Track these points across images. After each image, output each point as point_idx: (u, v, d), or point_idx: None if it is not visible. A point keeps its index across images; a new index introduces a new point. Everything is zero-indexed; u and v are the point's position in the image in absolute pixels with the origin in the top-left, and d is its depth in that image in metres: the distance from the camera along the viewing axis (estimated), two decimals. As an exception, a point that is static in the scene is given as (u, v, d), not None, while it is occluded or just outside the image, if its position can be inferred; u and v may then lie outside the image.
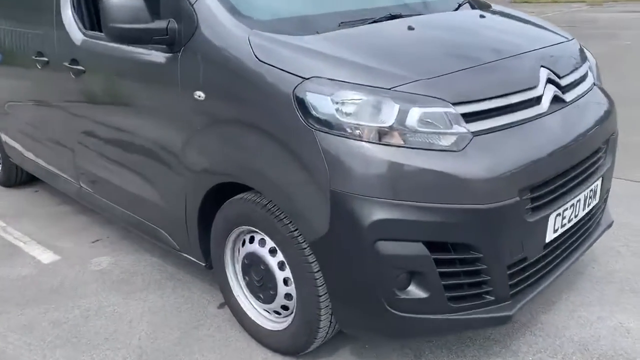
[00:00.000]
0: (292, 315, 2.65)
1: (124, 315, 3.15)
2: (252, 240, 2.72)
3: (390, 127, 2.16)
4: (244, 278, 2.82)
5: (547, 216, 2.37)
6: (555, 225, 2.44)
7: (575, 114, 2.63)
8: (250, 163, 2.48)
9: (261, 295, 2.74)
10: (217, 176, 2.69)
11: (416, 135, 2.16)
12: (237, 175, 2.58)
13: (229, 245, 2.86)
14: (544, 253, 2.46)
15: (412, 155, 2.14)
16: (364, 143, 2.16)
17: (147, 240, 3.53)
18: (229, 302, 2.97)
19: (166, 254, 3.66)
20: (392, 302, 2.25)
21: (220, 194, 2.74)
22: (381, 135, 2.16)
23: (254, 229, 2.65)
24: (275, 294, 2.64)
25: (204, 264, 3.07)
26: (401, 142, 2.16)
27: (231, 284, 2.92)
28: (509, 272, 2.30)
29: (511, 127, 2.33)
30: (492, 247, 2.22)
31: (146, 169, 3.12)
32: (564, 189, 2.47)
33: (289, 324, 2.66)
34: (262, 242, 2.66)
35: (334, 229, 2.24)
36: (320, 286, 2.42)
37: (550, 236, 2.44)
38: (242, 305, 2.89)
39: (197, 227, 2.94)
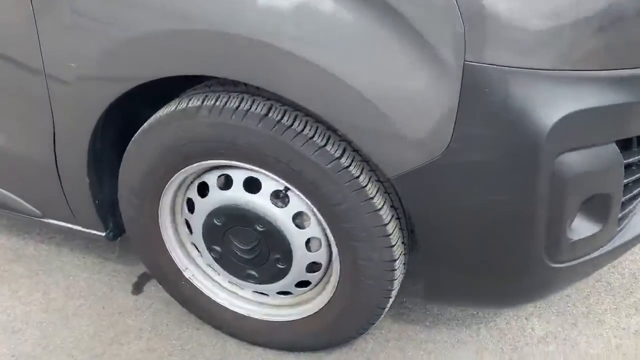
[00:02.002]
0: (322, 294, 1.53)
1: None
2: (227, 184, 1.43)
3: None
4: (210, 249, 1.55)
5: None
6: None
7: None
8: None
9: (252, 273, 1.53)
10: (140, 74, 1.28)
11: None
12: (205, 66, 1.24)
13: (168, 197, 1.52)
14: None
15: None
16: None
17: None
18: (169, 284, 1.71)
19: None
20: (554, 249, 1.27)
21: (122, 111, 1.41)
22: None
23: (237, 164, 1.36)
24: (288, 267, 1.47)
25: (103, 233, 1.70)
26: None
27: (176, 258, 1.63)
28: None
29: None
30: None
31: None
32: None
33: (318, 309, 1.54)
34: (252, 186, 1.40)
35: (468, 143, 1.12)
36: (394, 245, 1.33)
37: None
38: (202, 289, 1.66)
39: (87, 176, 1.52)
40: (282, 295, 1.59)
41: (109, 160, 1.61)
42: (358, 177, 1.26)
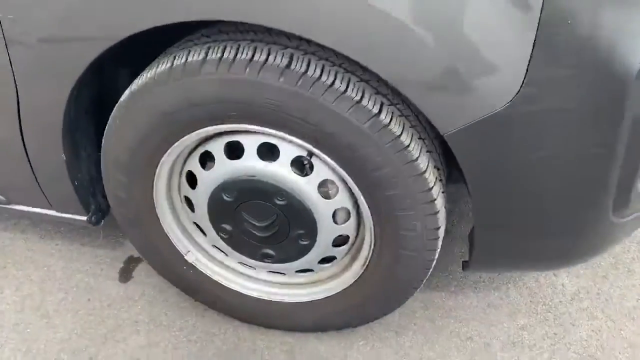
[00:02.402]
0: (350, 269, 1.35)
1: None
2: (237, 152, 1.21)
3: None
4: (218, 229, 1.33)
5: None
6: None
7: None
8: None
9: (269, 252, 1.34)
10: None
11: None
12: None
13: (164, 172, 1.29)
14: None
15: None
16: None
17: None
18: (169, 271, 1.49)
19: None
20: (621, 203, 1.13)
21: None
22: None
23: (250, 128, 1.13)
24: (312, 243, 1.28)
25: (85, 218, 1.46)
26: None
27: (176, 241, 1.41)
28: None
29: None
30: None
31: None
32: None
33: (347, 286, 1.36)
34: (267, 153, 1.19)
35: (542, 88, 0.94)
36: (439, 211, 1.16)
37: None
38: (207, 273, 1.45)
39: (62, 153, 1.27)
40: (302, 273, 1.41)
41: (85, 133, 1.35)
42: (400, 135, 1.07)
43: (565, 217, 1.11)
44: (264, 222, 1.27)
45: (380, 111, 1.06)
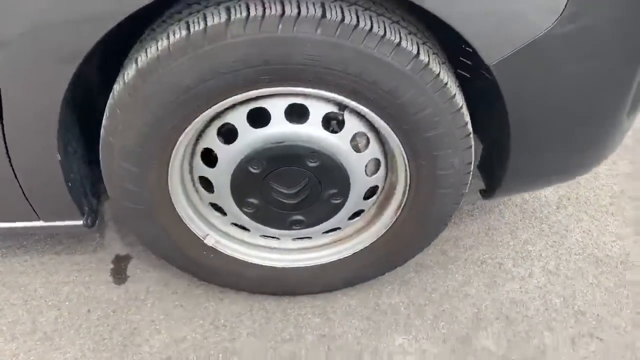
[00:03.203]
0: (381, 219, 1.35)
1: None
2: (261, 119, 1.13)
3: None
4: (243, 204, 1.25)
5: None
6: None
7: None
8: None
9: (299, 218, 1.29)
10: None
11: None
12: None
13: (179, 154, 1.18)
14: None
15: None
16: None
17: None
18: (185, 261, 1.39)
19: None
20: (634, 108, 1.22)
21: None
22: None
23: (279, 90, 1.06)
24: (344, 201, 1.25)
25: (81, 221, 1.31)
26: None
27: (194, 226, 1.32)
28: None
29: None
30: None
31: None
32: None
33: (377, 237, 1.36)
34: (292, 114, 1.12)
35: (586, 5, 0.97)
36: (472, 145, 1.18)
37: None
38: (229, 253, 1.38)
39: (57, 153, 1.12)
40: (329, 234, 1.38)
41: (70, 128, 1.20)
42: (439, 74, 1.06)
43: (592, 126, 1.18)
44: (295, 188, 1.22)
45: (418, 51, 1.04)
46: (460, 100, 1.11)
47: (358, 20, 0.99)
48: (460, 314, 1.47)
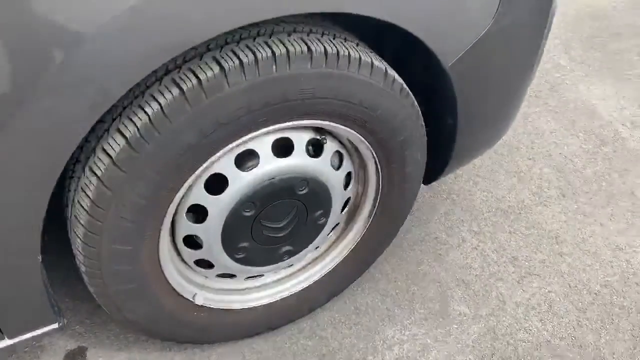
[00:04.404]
0: (354, 227, 1.43)
1: None
2: (247, 162, 1.11)
3: None
4: (234, 250, 1.22)
5: None
6: None
7: None
8: None
9: (288, 249, 1.30)
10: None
11: None
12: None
13: (170, 215, 1.11)
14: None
15: None
16: None
17: None
18: (176, 328, 1.30)
19: None
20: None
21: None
22: None
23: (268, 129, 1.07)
24: (327, 218, 1.31)
25: (57, 324, 1.16)
26: None
27: (182, 289, 1.24)
28: None
29: None
30: None
31: None
32: None
33: (354, 244, 1.43)
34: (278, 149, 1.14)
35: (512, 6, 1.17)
36: (424, 141, 1.33)
37: None
38: (221, 306, 1.33)
39: (40, 253, 0.99)
40: (310, 254, 1.41)
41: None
42: (401, 82, 1.17)
43: (516, 105, 1.41)
44: (285, 219, 1.23)
45: (384, 66, 1.13)
46: (414, 100, 1.23)
47: (337, 49, 1.05)
48: (427, 292, 1.62)
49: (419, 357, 1.46)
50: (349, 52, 1.06)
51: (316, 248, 1.40)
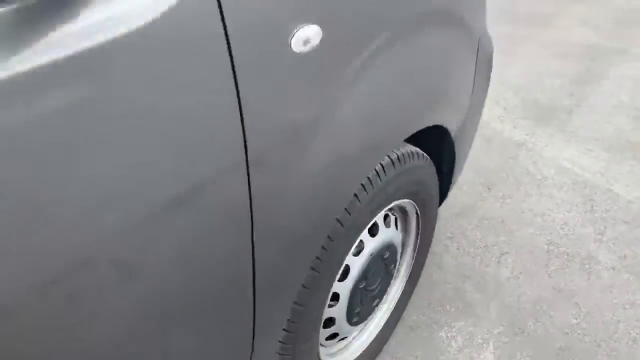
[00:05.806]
0: (399, 277, 1.86)
1: None
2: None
3: None
4: (352, 314, 1.57)
5: None
6: None
7: None
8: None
9: (378, 301, 1.69)
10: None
11: None
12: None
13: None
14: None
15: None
16: None
17: None
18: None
19: None
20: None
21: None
22: None
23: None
24: (395, 264, 1.73)
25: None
26: None
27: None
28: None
29: None
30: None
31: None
32: None
33: (404, 285, 1.86)
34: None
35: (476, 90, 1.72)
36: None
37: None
38: None
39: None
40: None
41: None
42: (427, 156, 1.64)
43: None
44: (376, 282, 1.61)
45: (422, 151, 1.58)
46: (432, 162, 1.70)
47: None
48: (446, 294, 2.10)
49: (470, 338, 1.95)
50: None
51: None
